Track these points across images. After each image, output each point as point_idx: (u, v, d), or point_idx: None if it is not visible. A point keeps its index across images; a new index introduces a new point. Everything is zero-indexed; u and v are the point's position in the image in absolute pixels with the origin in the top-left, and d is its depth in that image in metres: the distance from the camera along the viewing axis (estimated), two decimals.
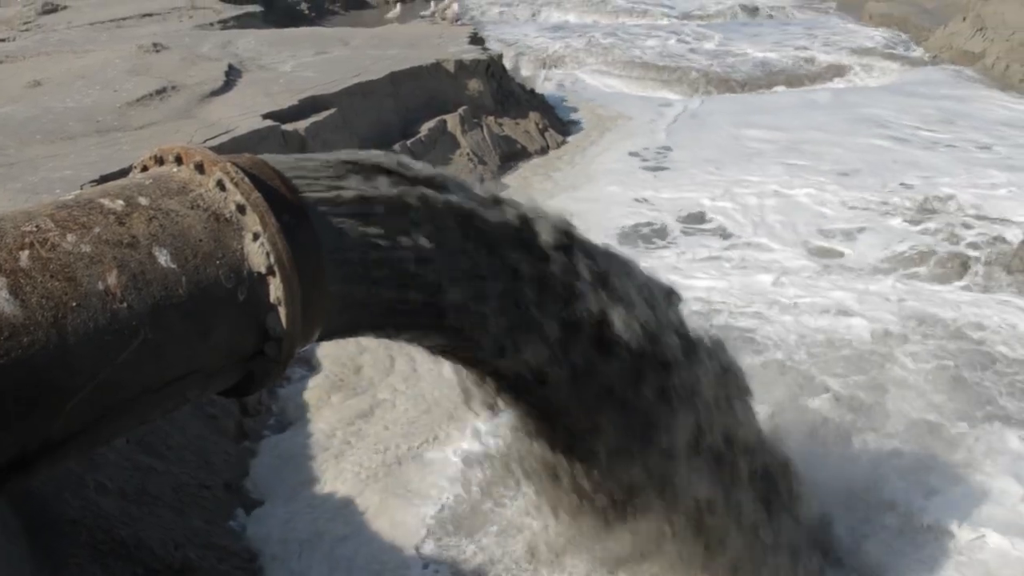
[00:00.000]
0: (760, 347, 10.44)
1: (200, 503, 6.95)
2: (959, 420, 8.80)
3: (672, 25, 30.84)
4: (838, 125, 19.69)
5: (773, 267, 12.88)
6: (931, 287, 12.07)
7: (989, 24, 25.17)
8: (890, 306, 11.37)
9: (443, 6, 32.23)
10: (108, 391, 2.70)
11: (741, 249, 13.63)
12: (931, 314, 11.08)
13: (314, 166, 3.45)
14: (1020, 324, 10.79)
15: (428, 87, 17.41)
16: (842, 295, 11.74)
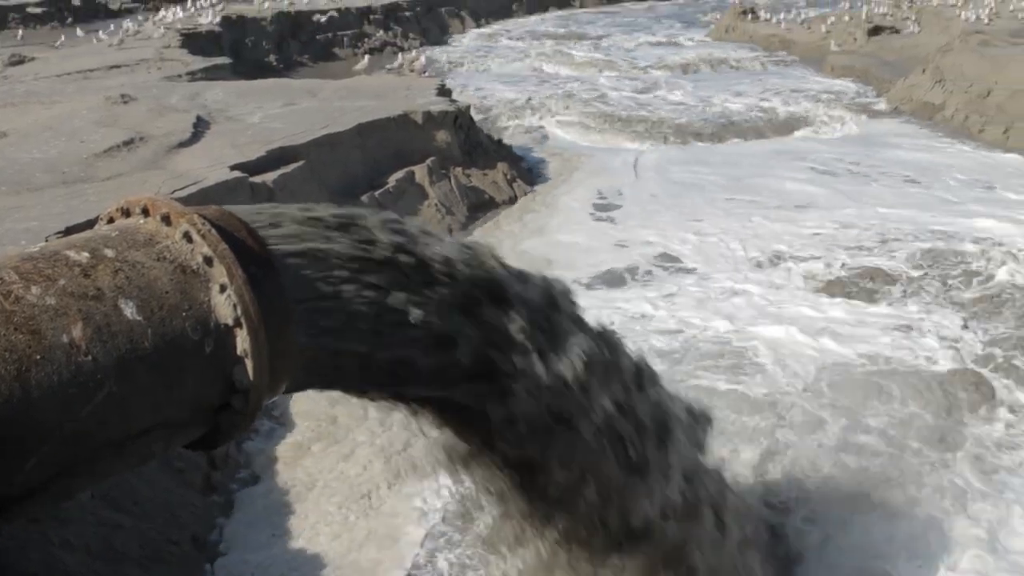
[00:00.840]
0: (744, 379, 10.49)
1: (167, 559, 6.85)
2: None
3: (638, 76, 31.17)
4: (800, 174, 19.94)
5: (739, 302, 13.00)
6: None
7: (948, 76, 25.64)
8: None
9: (411, 58, 32.47)
10: (72, 445, 2.67)
11: (705, 284, 13.81)
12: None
13: (282, 218, 3.45)
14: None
15: (396, 138, 17.48)
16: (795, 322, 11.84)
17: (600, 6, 47.87)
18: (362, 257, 3.50)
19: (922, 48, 30.24)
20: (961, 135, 23.24)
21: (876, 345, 11.41)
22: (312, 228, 3.47)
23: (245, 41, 31.87)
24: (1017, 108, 22.72)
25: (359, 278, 3.44)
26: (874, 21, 35.20)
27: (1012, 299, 12.92)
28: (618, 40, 37.96)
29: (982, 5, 33.89)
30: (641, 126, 24.41)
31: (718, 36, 38.60)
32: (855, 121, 25.09)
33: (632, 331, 11.77)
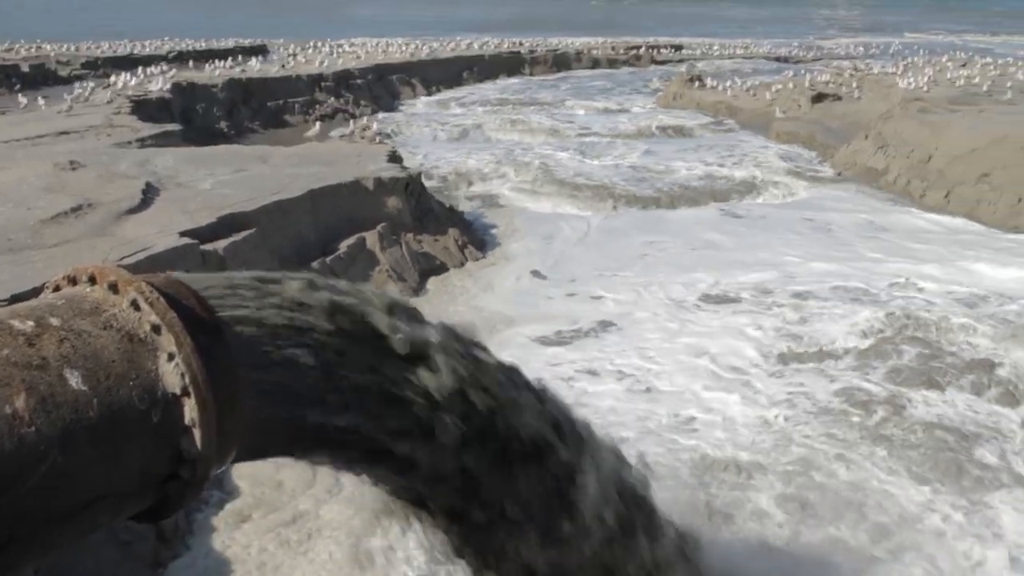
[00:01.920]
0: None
1: None
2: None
3: (587, 143, 31.50)
4: (743, 239, 20.24)
5: (679, 365, 13.09)
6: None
7: (890, 142, 26.23)
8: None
9: (362, 124, 32.64)
10: (15, 518, 2.62)
11: (648, 351, 13.91)
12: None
13: (231, 284, 3.44)
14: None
15: (347, 204, 17.50)
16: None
17: (549, 74, 48.43)
18: (310, 324, 3.49)
19: (864, 114, 30.94)
20: (904, 199, 23.72)
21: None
22: (262, 295, 3.46)
23: (196, 108, 31.88)
24: (957, 173, 23.26)
25: (308, 345, 3.44)
26: (817, 88, 35.98)
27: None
28: (568, 107, 38.42)
29: (920, 73, 34.79)
30: (589, 192, 24.63)
31: (666, 103, 39.19)
32: (801, 186, 25.51)
33: (576, 386, 11.89)
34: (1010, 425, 11.32)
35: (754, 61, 52.51)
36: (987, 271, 18.09)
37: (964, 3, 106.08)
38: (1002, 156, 22.45)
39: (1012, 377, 12.79)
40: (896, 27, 76.41)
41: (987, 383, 12.57)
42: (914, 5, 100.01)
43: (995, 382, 12.55)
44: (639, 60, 52.52)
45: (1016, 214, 21.47)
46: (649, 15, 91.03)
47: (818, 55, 55.33)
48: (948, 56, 42.93)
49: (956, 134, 24.07)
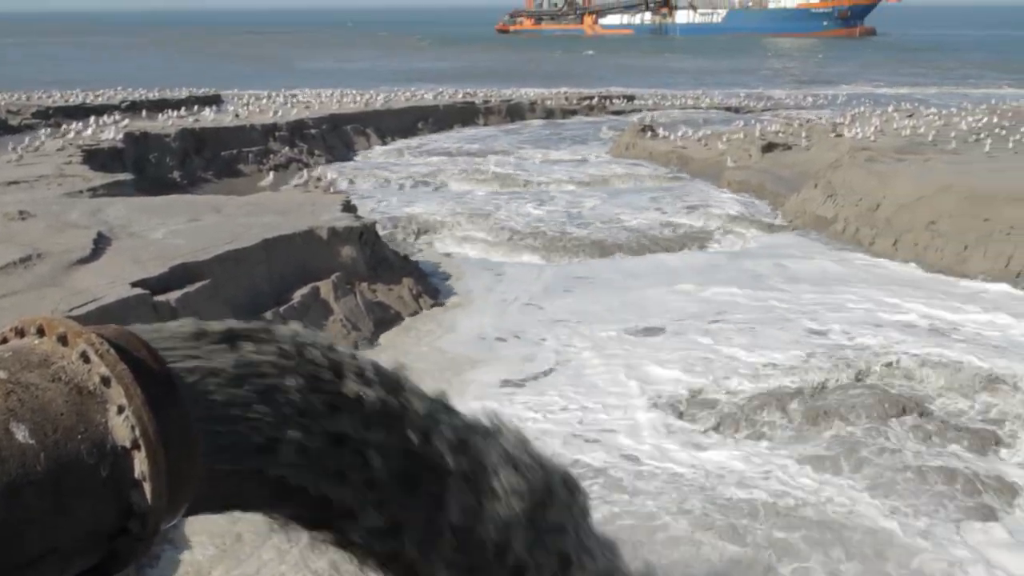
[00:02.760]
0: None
1: None
2: None
3: (541, 193, 31.66)
4: (699, 288, 20.41)
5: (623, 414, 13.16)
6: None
7: (839, 191, 26.62)
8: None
9: (316, 174, 32.61)
10: None
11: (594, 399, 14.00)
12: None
13: (184, 335, 3.40)
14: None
15: (301, 254, 17.45)
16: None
17: (504, 124, 48.72)
18: (264, 373, 3.46)
19: (813, 164, 31.37)
20: (853, 247, 24.04)
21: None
22: (214, 345, 3.42)
23: (149, 157, 31.71)
24: (904, 221, 23.64)
25: (261, 395, 3.40)
26: (767, 138, 36.45)
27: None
28: (522, 156, 38.60)
29: (867, 123, 35.43)
30: (543, 241, 24.71)
31: (618, 153, 39.49)
32: (753, 235, 25.77)
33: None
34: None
35: (705, 111, 53.13)
36: (934, 314, 18.39)
37: (905, 54, 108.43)
38: (948, 204, 22.87)
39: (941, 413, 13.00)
40: (841, 77, 77.85)
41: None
42: (856, 58, 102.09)
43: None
44: (592, 110, 52.96)
45: (962, 260, 21.84)
46: (602, 66, 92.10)
47: (768, 105, 56.09)
48: (894, 106, 43.72)
49: (903, 183, 24.49)
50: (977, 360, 15.77)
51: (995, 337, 17.15)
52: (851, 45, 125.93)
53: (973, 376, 15.16)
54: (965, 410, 14.14)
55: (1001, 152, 28.21)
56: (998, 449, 12.84)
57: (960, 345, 16.58)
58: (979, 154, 27.98)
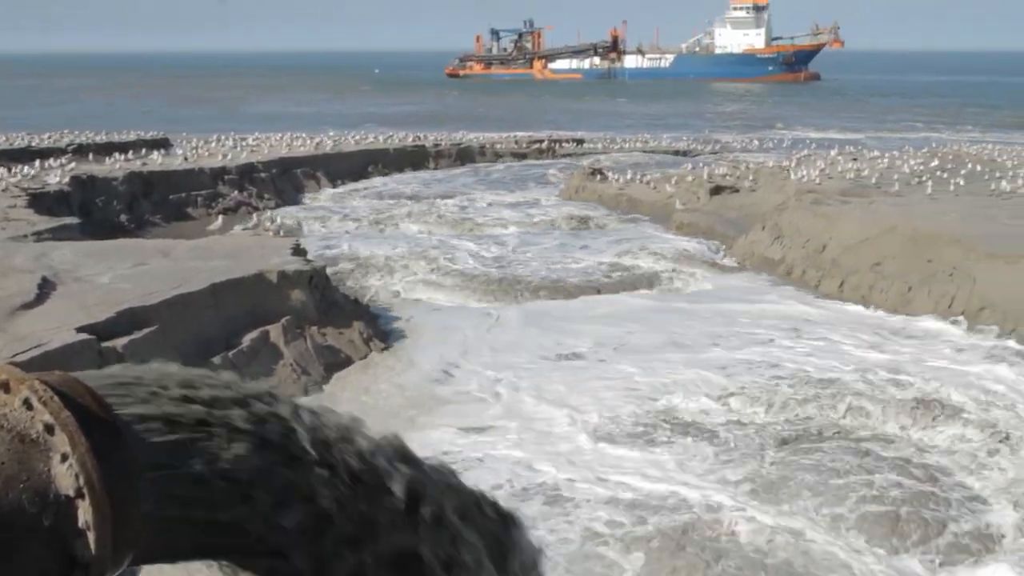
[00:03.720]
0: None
1: None
2: None
3: (491, 235, 31.72)
4: (649, 329, 20.54)
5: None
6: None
7: (786, 232, 26.96)
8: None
9: (266, 217, 32.46)
10: None
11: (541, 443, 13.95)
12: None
13: (130, 381, 3.35)
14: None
15: (251, 298, 17.33)
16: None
17: (454, 167, 48.84)
18: (210, 420, 3.42)
19: (760, 206, 31.76)
20: (800, 288, 24.32)
21: None
22: (162, 391, 3.38)
23: (96, 201, 31.42)
24: (850, 262, 23.98)
25: (208, 443, 3.36)
26: (715, 181, 36.85)
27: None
28: (472, 199, 38.66)
29: (812, 166, 35.97)
30: (494, 284, 24.74)
31: (568, 196, 39.69)
32: (702, 277, 25.97)
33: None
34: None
35: (654, 155, 53.63)
36: (874, 352, 18.66)
37: (849, 99, 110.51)
38: (892, 245, 23.24)
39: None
40: (787, 121, 79.09)
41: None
42: (801, 102, 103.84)
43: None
44: (542, 154, 53.28)
45: (907, 301, 22.17)
46: (552, 110, 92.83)
47: (715, 149, 56.77)
48: (838, 150, 44.43)
49: (848, 225, 24.86)
50: (914, 394, 16.14)
51: (937, 374, 17.45)
52: (796, 90, 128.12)
53: (912, 410, 15.47)
54: (899, 441, 14.38)
55: (942, 194, 28.77)
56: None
57: (901, 381, 16.92)
58: (921, 196, 28.51)
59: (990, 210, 25.63)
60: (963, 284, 21.47)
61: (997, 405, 15.81)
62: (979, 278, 21.14)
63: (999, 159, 38.48)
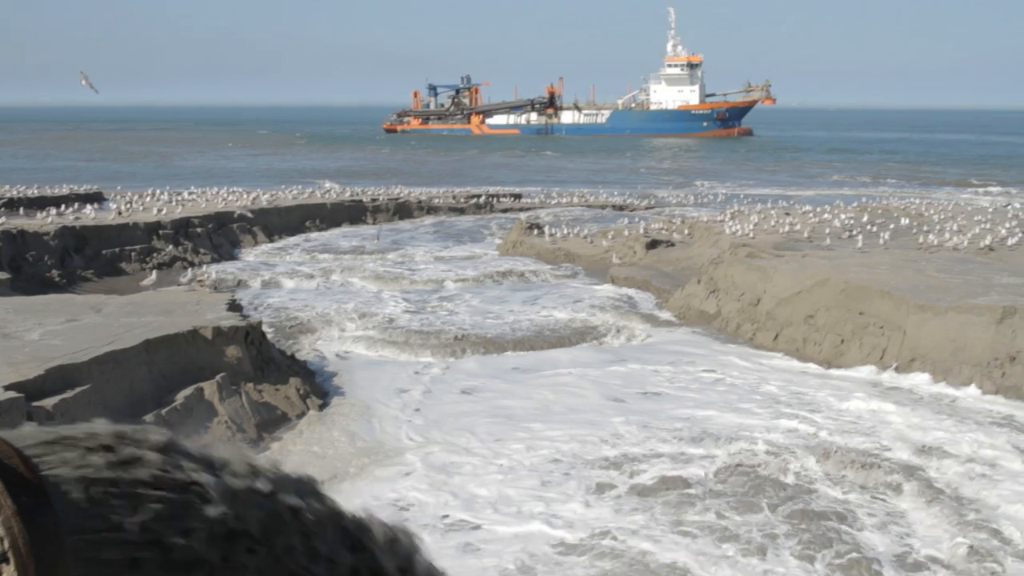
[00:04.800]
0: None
1: None
2: None
3: (429, 290, 31.71)
4: (583, 385, 20.62)
5: None
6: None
7: (721, 286, 27.28)
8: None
9: (201, 272, 32.14)
10: None
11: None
12: None
13: (59, 440, 3.29)
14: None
15: (185, 354, 17.10)
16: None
17: (392, 222, 48.82)
18: (141, 481, 3.36)
19: (696, 260, 32.16)
20: (735, 341, 24.58)
21: None
22: (91, 451, 3.32)
23: (26, 255, 30.91)
24: (784, 315, 24.31)
25: (139, 505, 3.30)
26: (651, 235, 37.28)
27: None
28: (410, 255, 38.64)
29: (746, 220, 36.52)
30: (432, 339, 24.69)
31: (506, 251, 39.84)
32: (639, 330, 26.13)
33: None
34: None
35: (590, 209, 54.14)
36: (807, 404, 18.88)
37: (780, 154, 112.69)
38: (825, 298, 23.62)
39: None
40: (720, 177, 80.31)
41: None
42: (734, 157, 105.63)
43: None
44: (480, 209, 53.52)
45: (839, 353, 22.51)
46: (489, 165, 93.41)
47: (651, 203, 57.47)
48: (771, 204, 45.22)
49: (782, 278, 25.22)
50: (841, 442, 16.43)
51: (865, 425, 17.74)
52: (729, 145, 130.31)
53: (840, 460, 15.72)
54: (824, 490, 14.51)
55: (872, 248, 29.36)
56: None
57: (829, 430, 17.21)
58: (852, 250, 29.05)
59: (918, 263, 26.18)
60: (894, 336, 21.86)
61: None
62: (909, 330, 21.54)
63: (926, 213, 39.43)
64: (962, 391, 19.73)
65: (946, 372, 20.53)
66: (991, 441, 16.85)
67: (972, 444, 16.67)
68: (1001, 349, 20.16)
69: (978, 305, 20.96)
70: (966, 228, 33.07)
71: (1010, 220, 35.62)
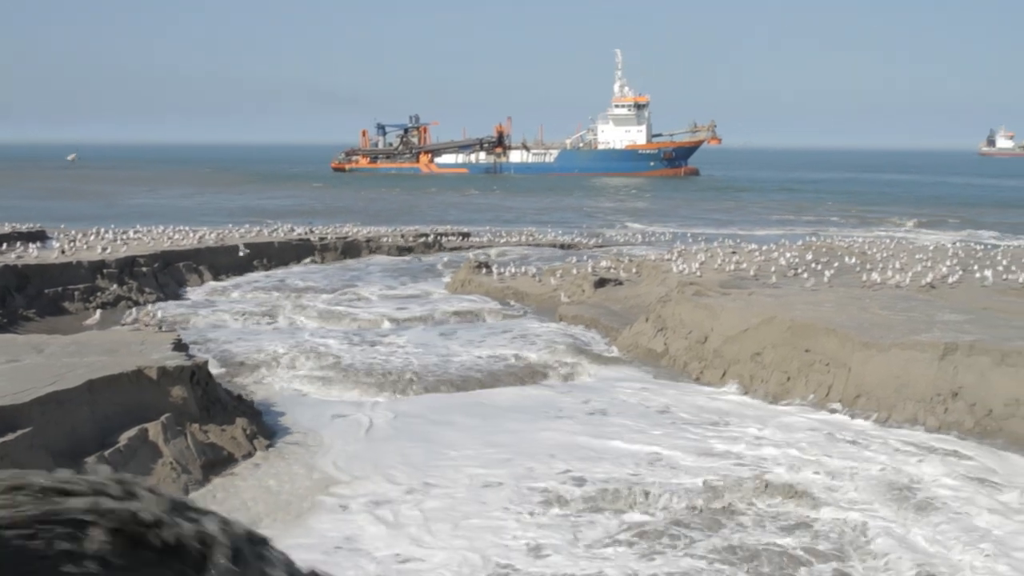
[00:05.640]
0: None
1: None
2: None
3: (377, 329, 31.53)
4: (524, 425, 20.61)
5: None
6: None
7: (669, 324, 27.44)
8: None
9: (146, 312, 31.74)
10: None
11: None
12: None
13: None
14: None
15: (129, 395, 16.86)
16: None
17: (340, 261, 48.63)
18: (81, 522, 3.30)
19: (644, 298, 32.34)
20: (683, 378, 24.72)
21: None
22: (26, 496, 3.25)
23: None
24: (731, 353, 24.50)
25: (78, 550, 3.24)
26: (599, 273, 37.47)
27: None
28: (358, 293, 38.45)
29: (693, 259, 36.84)
30: (379, 378, 24.53)
31: (454, 289, 39.79)
32: (588, 369, 26.16)
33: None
34: None
35: (539, 248, 54.31)
36: (754, 441, 19.02)
37: (726, 194, 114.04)
38: (771, 335, 23.85)
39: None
40: (668, 216, 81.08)
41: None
42: (681, 197, 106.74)
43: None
44: (429, 247, 53.48)
45: (786, 391, 22.71)
46: (438, 204, 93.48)
47: (599, 242, 57.83)
48: (717, 243, 45.68)
49: (729, 316, 25.44)
50: (783, 477, 16.59)
51: (809, 462, 17.89)
52: (676, 185, 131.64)
53: (775, 494, 15.87)
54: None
55: (818, 286, 29.75)
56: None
57: (773, 465, 17.37)
58: (798, 288, 29.40)
59: (863, 300, 26.54)
60: (839, 373, 22.10)
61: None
62: (854, 366, 21.80)
63: (869, 251, 40.05)
64: (904, 428, 20.04)
65: (890, 408, 20.77)
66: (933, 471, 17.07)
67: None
68: (944, 385, 20.45)
69: (921, 342, 21.28)
70: (908, 266, 33.63)
71: (950, 258, 36.28)
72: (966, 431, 19.53)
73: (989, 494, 16.20)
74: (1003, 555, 13.88)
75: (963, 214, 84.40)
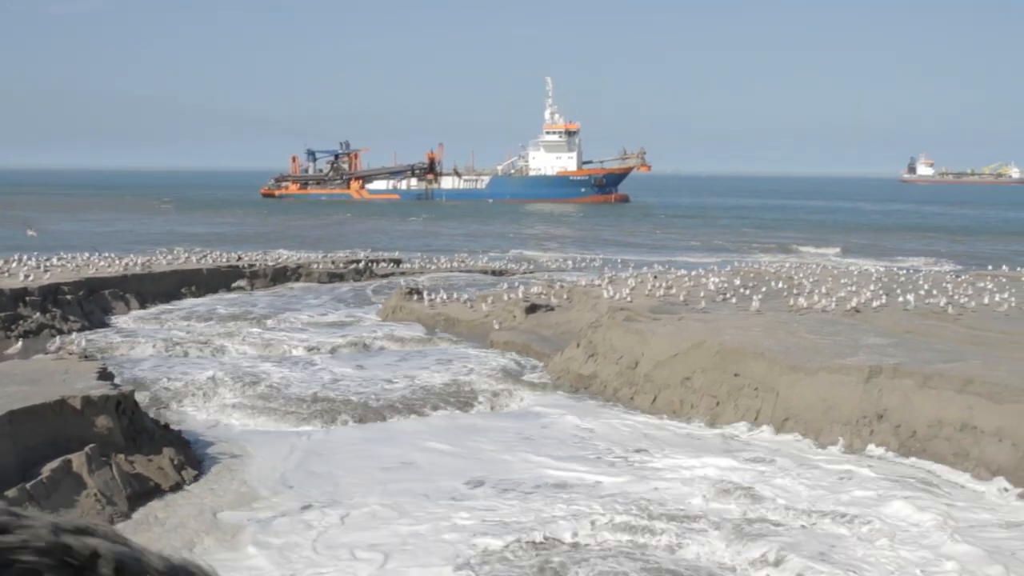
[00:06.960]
0: None
1: None
2: None
3: (310, 358, 31.21)
4: (450, 448, 20.57)
5: None
6: None
7: (600, 349, 27.57)
8: None
9: (69, 340, 31.13)
10: None
11: None
12: None
13: None
14: None
15: (51, 426, 16.49)
16: None
17: (269, 287, 48.19)
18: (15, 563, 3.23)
19: (575, 324, 32.47)
20: (615, 403, 24.83)
21: None
22: None
23: None
24: (662, 377, 24.69)
25: None
26: (530, 299, 37.56)
27: None
28: (288, 320, 38.12)
29: (623, 285, 37.09)
30: (308, 406, 24.28)
31: (386, 316, 39.61)
32: (518, 395, 26.14)
33: None
34: None
35: (470, 274, 54.35)
36: (684, 464, 19.17)
37: (656, 220, 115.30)
38: (701, 360, 24.09)
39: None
40: (598, 242, 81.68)
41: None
42: (611, 223, 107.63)
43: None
44: (360, 274, 53.18)
45: (716, 415, 22.94)
46: (369, 230, 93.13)
47: (530, 268, 58.08)
48: (647, 268, 46.05)
49: (659, 341, 25.64)
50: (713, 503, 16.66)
51: (738, 481, 18.10)
52: (607, 211, 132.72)
53: None
54: None
55: (746, 310, 30.10)
56: None
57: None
58: (727, 312, 29.73)
59: (790, 325, 26.91)
60: (767, 396, 22.38)
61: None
62: (782, 390, 22.09)
63: (795, 277, 40.64)
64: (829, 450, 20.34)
65: (818, 431, 21.08)
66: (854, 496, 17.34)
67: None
68: (869, 408, 20.80)
69: (846, 365, 21.64)
70: (833, 291, 34.19)
71: (874, 283, 36.96)
72: (892, 451, 19.90)
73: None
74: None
75: (884, 241, 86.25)
